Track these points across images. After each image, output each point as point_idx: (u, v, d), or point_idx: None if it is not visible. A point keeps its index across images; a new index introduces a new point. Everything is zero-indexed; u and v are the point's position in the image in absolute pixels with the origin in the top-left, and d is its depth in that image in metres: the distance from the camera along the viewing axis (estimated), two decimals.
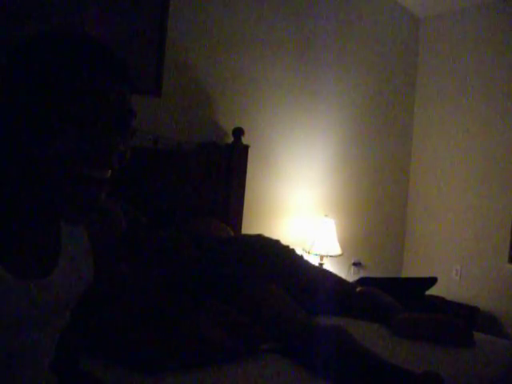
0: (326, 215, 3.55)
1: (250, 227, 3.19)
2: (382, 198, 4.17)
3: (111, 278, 1.84)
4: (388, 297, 2.37)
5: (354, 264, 3.95)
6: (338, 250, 3.48)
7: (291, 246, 2.59)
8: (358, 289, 2.46)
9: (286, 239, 2.94)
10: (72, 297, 0.89)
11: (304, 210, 3.61)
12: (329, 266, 3.49)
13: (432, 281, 2.89)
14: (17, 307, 0.76)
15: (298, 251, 2.68)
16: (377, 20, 4.02)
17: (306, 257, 2.73)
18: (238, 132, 3.05)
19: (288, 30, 3.48)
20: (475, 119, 3.98)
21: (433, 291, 2.97)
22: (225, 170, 3.04)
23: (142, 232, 2.35)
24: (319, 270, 2.62)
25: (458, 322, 2.10)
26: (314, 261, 3.21)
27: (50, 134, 0.71)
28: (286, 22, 3.47)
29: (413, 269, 4.27)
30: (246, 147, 3.10)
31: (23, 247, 0.79)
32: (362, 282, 2.83)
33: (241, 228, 3.11)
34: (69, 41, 0.76)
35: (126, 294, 1.82)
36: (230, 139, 3.09)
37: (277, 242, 2.53)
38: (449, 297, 3.81)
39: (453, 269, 4.02)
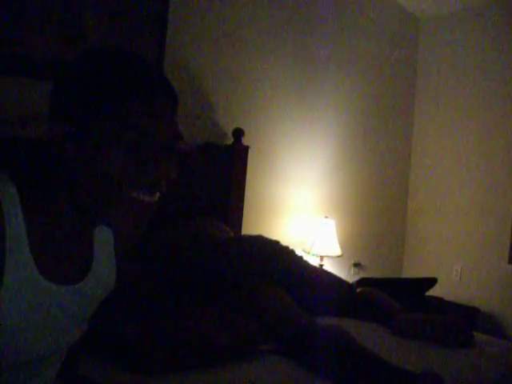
0: (326, 217, 3.55)
1: (250, 227, 3.19)
2: (381, 198, 4.16)
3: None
4: (388, 297, 2.37)
5: (354, 265, 3.95)
6: (338, 251, 3.48)
7: (291, 247, 2.59)
8: (358, 289, 2.46)
9: (285, 240, 2.94)
10: (95, 304, 0.88)
11: (304, 210, 3.60)
12: (329, 266, 3.49)
13: (432, 281, 2.89)
14: (44, 309, 0.76)
15: (298, 252, 2.68)
16: (376, 20, 4.02)
17: (306, 257, 2.72)
18: (238, 133, 3.05)
19: (288, 30, 3.48)
20: (475, 119, 3.98)
21: (433, 292, 2.97)
22: (225, 170, 3.04)
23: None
24: (319, 271, 2.62)
25: (458, 323, 2.10)
26: (314, 261, 3.21)
27: (106, 155, 0.71)
28: (286, 22, 3.47)
29: (413, 269, 4.26)
30: (246, 148, 3.10)
31: (59, 252, 0.78)
32: (362, 282, 2.83)
33: (241, 228, 3.10)
34: (125, 63, 0.75)
35: (126, 294, 1.82)
36: (230, 140, 3.09)
37: (277, 243, 2.53)
38: (449, 297, 3.80)
39: (453, 269, 4.02)
